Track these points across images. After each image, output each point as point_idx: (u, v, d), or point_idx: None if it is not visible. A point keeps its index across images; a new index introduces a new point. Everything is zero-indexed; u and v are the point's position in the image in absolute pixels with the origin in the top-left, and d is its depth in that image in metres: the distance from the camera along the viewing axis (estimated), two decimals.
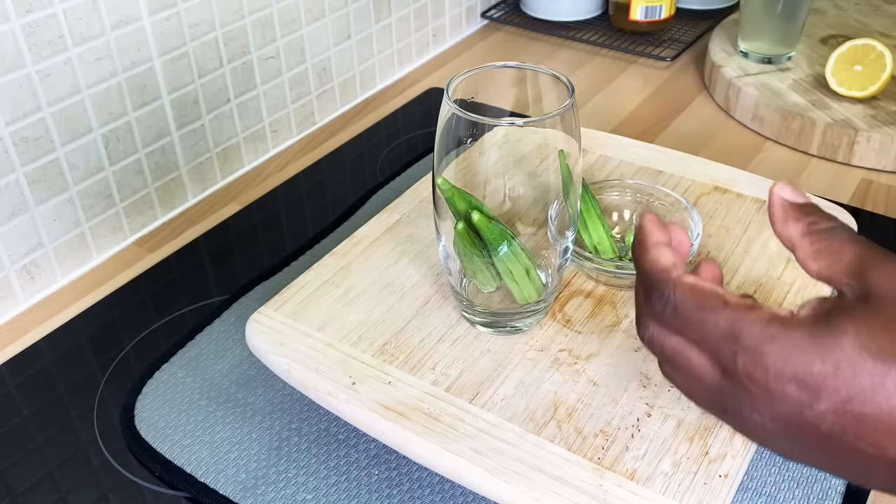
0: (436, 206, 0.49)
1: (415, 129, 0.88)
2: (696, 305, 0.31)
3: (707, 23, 1.06)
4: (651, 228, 0.35)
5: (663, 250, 0.34)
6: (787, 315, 0.29)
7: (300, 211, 0.76)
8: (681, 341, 0.32)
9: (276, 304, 0.54)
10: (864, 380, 0.27)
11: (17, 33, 0.58)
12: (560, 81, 0.47)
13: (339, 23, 0.86)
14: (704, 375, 0.31)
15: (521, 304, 0.50)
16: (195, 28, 0.71)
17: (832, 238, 0.31)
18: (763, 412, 0.29)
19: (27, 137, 0.61)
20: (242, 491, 0.50)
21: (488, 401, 0.47)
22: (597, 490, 0.42)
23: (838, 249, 0.31)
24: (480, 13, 1.08)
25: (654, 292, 0.33)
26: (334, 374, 0.49)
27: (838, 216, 0.60)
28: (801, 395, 0.28)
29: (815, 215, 0.33)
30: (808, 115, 0.80)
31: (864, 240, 0.31)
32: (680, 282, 0.32)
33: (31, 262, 0.65)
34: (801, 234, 0.32)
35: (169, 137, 0.72)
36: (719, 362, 0.30)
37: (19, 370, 0.60)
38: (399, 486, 0.50)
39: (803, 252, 0.32)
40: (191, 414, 0.55)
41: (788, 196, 0.33)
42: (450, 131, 0.45)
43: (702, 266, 0.35)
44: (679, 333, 0.32)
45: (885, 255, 0.30)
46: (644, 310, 0.34)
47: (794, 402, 0.28)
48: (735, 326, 0.30)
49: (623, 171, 0.66)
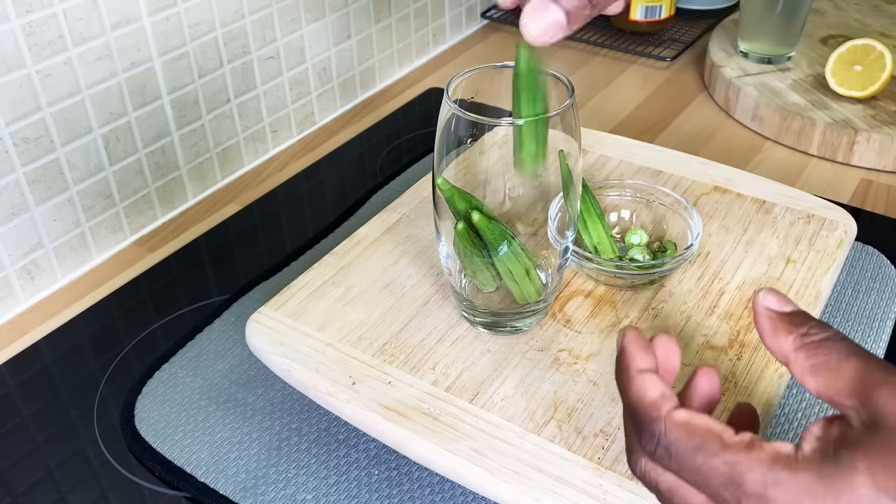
0: (436, 206, 0.49)
1: (415, 129, 0.88)
2: (691, 448, 0.29)
3: (707, 23, 1.06)
4: (633, 353, 0.32)
5: (649, 379, 0.31)
6: (791, 453, 0.27)
7: (300, 211, 0.76)
8: (677, 480, 0.30)
9: (276, 304, 0.54)
10: None
11: (17, 33, 0.58)
12: (560, 81, 0.47)
13: (339, 23, 0.86)
14: None
15: (521, 304, 0.50)
16: (195, 28, 0.71)
17: (829, 351, 0.29)
18: None
19: (27, 137, 0.61)
20: (242, 491, 0.50)
21: (488, 401, 0.47)
22: (597, 490, 0.42)
23: (836, 365, 0.29)
24: (480, 13, 1.08)
25: (644, 431, 0.30)
26: (334, 374, 0.49)
27: (838, 216, 0.60)
28: None
29: (806, 325, 0.30)
30: (808, 115, 0.80)
31: (863, 351, 0.29)
32: (671, 421, 0.29)
33: (31, 262, 0.65)
34: (794, 349, 0.30)
35: (169, 137, 0.72)
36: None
37: (19, 370, 0.60)
38: (399, 486, 0.50)
39: (799, 367, 0.30)
40: (191, 414, 0.55)
41: (774, 306, 0.31)
42: (450, 131, 0.45)
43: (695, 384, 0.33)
44: (675, 473, 0.30)
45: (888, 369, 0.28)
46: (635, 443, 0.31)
47: None
48: (736, 471, 0.28)
49: (623, 171, 0.66)
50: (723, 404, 0.46)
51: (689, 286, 0.55)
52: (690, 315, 0.52)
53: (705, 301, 0.53)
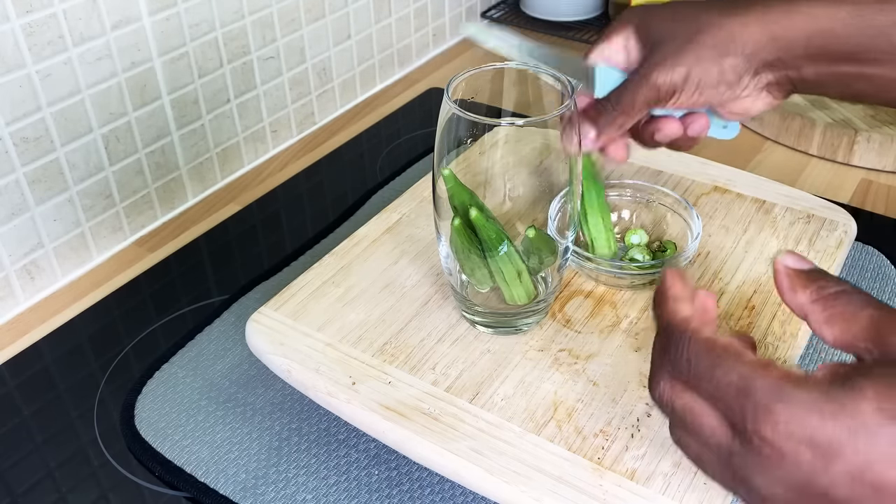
0: (436, 206, 0.49)
1: (415, 129, 0.88)
2: (710, 359, 0.30)
3: None
4: (673, 282, 0.34)
5: (683, 303, 0.33)
6: (802, 375, 0.28)
7: (300, 211, 0.76)
8: (693, 398, 0.31)
9: (276, 304, 0.54)
10: (884, 446, 0.26)
11: (17, 33, 0.58)
12: (560, 81, 0.47)
13: (339, 23, 0.86)
14: (715, 436, 0.30)
15: (521, 305, 0.50)
16: (195, 28, 0.71)
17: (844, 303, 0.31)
18: (773, 476, 0.28)
19: (27, 137, 0.61)
20: (242, 491, 0.50)
21: (488, 401, 0.47)
22: (597, 490, 0.42)
23: (852, 315, 0.30)
24: (480, 13, 1.08)
25: (670, 344, 0.32)
26: (334, 374, 0.49)
27: (838, 216, 0.60)
28: (814, 459, 0.27)
29: (822, 280, 0.32)
30: (808, 115, 0.80)
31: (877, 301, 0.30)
32: (696, 336, 0.31)
33: (31, 262, 0.65)
34: (810, 301, 0.31)
35: (169, 137, 0.72)
36: (730, 421, 0.29)
37: (19, 370, 0.60)
38: (399, 486, 0.50)
39: (816, 319, 0.31)
40: (191, 414, 0.55)
41: (793, 264, 0.33)
42: (450, 131, 0.45)
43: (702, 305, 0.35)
44: (692, 389, 0.31)
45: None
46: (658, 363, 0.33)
47: (806, 466, 0.27)
48: (747, 383, 0.29)
49: (623, 171, 0.66)
50: None
51: None
52: None
53: None
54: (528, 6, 1.08)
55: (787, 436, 0.27)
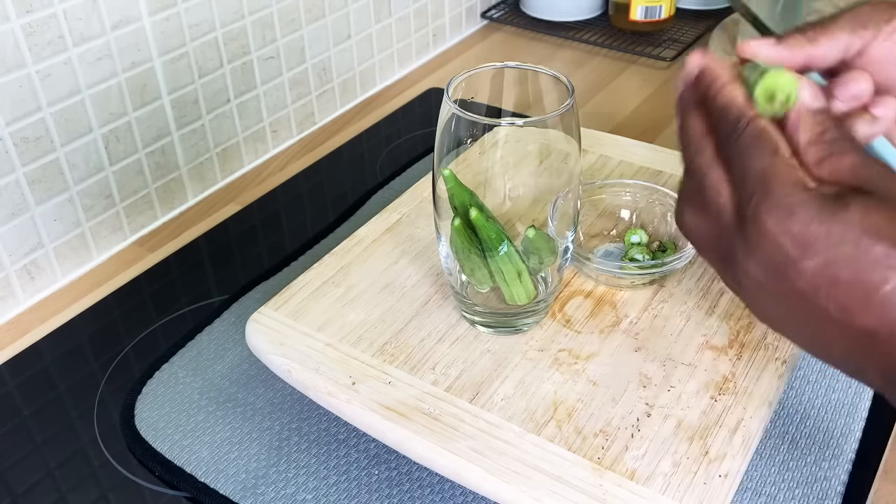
0: (436, 206, 0.49)
1: (415, 129, 0.88)
2: (754, 144, 0.32)
3: (707, 23, 1.06)
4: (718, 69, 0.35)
5: (738, 88, 0.34)
6: (814, 186, 0.31)
7: (300, 211, 0.76)
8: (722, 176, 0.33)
9: (276, 304, 0.54)
10: (849, 248, 0.29)
11: (17, 33, 0.58)
12: (560, 82, 0.47)
13: (339, 23, 0.86)
14: (720, 212, 0.33)
15: (521, 305, 0.50)
16: (195, 28, 0.71)
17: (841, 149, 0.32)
18: (755, 259, 0.31)
19: (27, 137, 0.61)
20: (242, 491, 0.50)
21: (488, 401, 0.47)
22: (597, 490, 0.42)
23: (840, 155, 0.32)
24: (480, 13, 1.08)
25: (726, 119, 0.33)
26: (334, 374, 0.49)
27: None
28: (792, 249, 0.30)
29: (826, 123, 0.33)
30: None
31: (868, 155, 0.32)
32: (756, 120, 0.32)
33: (31, 262, 0.65)
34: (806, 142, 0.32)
35: (169, 137, 0.72)
36: (739, 201, 0.32)
37: (19, 370, 0.60)
38: (399, 486, 0.50)
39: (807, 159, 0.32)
40: (191, 414, 0.55)
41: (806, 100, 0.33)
42: (450, 131, 0.45)
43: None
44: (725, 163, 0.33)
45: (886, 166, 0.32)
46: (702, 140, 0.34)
47: (784, 254, 0.30)
48: (768, 172, 0.31)
49: (623, 171, 0.66)
50: (722, 404, 0.46)
51: (689, 286, 0.55)
52: (690, 315, 0.52)
53: (705, 301, 0.53)
54: (528, 6, 1.08)
55: (778, 224, 0.30)
